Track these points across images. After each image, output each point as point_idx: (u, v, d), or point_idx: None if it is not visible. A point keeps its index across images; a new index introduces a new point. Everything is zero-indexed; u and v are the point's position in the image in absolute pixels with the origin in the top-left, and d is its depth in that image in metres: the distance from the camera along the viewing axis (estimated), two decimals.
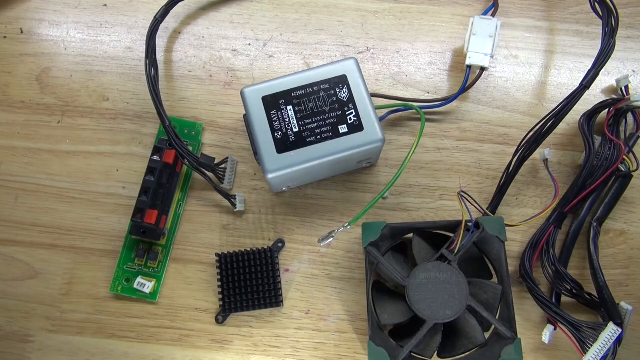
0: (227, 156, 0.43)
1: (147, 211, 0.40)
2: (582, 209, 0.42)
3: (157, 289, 0.42)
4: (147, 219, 0.40)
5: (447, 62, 0.47)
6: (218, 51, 0.48)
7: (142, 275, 0.42)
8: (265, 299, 0.40)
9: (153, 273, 0.42)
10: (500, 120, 0.46)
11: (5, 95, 0.47)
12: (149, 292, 0.41)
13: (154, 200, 0.41)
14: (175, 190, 0.43)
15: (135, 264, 0.42)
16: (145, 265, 0.42)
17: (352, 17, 0.49)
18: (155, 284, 0.42)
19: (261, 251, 0.41)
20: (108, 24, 0.49)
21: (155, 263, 0.42)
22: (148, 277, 0.42)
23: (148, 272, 0.42)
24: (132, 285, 0.41)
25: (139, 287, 0.41)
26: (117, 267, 0.42)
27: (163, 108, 0.42)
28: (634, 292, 0.42)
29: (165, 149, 0.41)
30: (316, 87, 0.39)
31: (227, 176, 0.43)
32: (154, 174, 0.41)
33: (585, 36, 0.48)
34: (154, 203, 0.41)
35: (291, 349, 0.41)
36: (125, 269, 0.42)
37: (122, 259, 0.42)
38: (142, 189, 0.41)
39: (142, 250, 0.42)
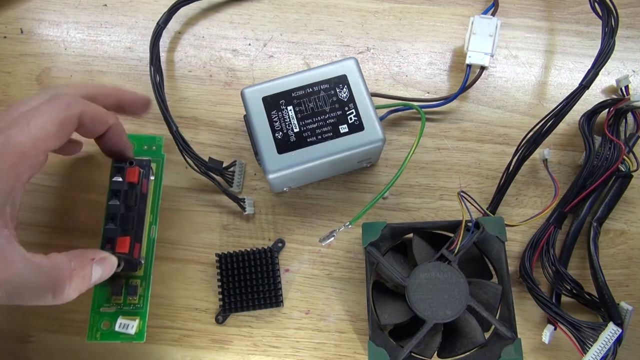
0: (235, 159, 0.43)
1: (118, 239, 0.36)
2: (582, 209, 0.42)
3: (143, 327, 0.38)
4: (119, 249, 0.36)
5: (447, 62, 0.47)
6: (218, 51, 0.48)
7: (123, 315, 0.37)
8: (265, 299, 0.40)
9: (135, 310, 0.38)
10: (500, 120, 0.46)
11: (5, 95, 0.47)
12: (135, 332, 0.37)
13: (124, 226, 0.36)
14: (145, 213, 0.39)
15: (112, 304, 0.37)
16: (125, 303, 0.37)
17: (352, 17, 0.49)
18: (139, 322, 0.38)
19: (261, 251, 0.41)
20: (108, 24, 0.49)
21: (136, 298, 0.37)
22: (129, 315, 0.37)
23: (129, 309, 0.37)
24: (112, 329, 0.37)
25: (122, 329, 0.37)
26: (91, 311, 0.37)
27: (169, 113, 0.42)
28: (634, 292, 0.42)
29: (127, 167, 0.37)
30: (316, 87, 0.39)
31: (236, 179, 0.43)
32: (119, 197, 0.36)
33: (585, 36, 0.48)
34: (124, 229, 0.36)
35: (291, 349, 0.41)
36: (100, 311, 0.38)
37: (95, 301, 0.37)
38: (108, 215, 0.36)
39: (118, 286, 0.37)
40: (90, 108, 0.32)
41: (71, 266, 0.29)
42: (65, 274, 0.29)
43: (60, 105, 0.30)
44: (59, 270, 0.29)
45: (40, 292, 0.28)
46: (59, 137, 0.30)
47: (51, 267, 0.28)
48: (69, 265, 0.29)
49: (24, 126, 0.28)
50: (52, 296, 0.28)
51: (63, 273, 0.29)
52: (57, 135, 0.30)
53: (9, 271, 0.26)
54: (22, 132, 0.28)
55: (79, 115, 0.31)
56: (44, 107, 0.29)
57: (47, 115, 0.29)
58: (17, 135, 0.28)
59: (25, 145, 0.28)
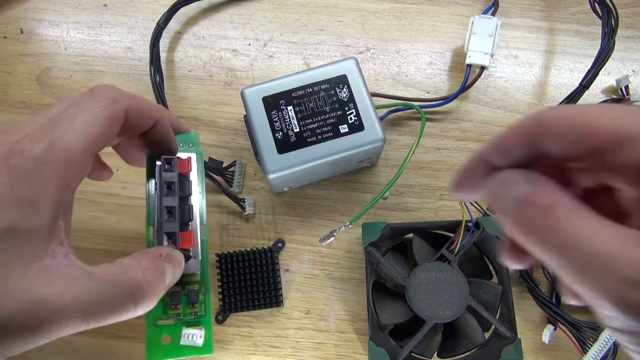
0: (235, 159, 0.43)
1: (180, 234, 0.31)
2: None
3: (209, 337, 0.32)
4: (183, 245, 0.31)
5: (447, 62, 0.47)
6: (218, 51, 0.48)
7: (186, 326, 0.32)
8: (265, 299, 0.40)
9: (197, 319, 0.32)
10: (500, 120, 0.46)
11: (5, 95, 0.47)
12: (202, 343, 0.31)
13: (183, 219, 0.31)
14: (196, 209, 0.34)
15: (170, 315, 0.32)
16: (185, 312, 0.32)
17: (352, 17, 0.49)
18: (205, 332, 0.32)
19: (261, 251, 0.41)
20: (108, 24, 0.49)
21: (197, 305, 0.32)
22: (192, 326, 0.32)
23: (190, 319, 0.32)
24: (175, 344, 0.31)
25: (189, 341, 0.31)
26: (147, 327, 0.31)
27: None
28: None
29: (177, 158, 0.32)
30: (316, 87, 0.39)
31: (236, 179, 0.43)
32: (172, 190, 0.32)
33: (585, 36, 0.48)
34: (183, 223, 0.32)
35: (291, 349, 0.41)
36: (158, 325, 0.31)
37: (150, 313, 0.31)
38: (164, 209, 0.31)
39: (177, 295, 0.31)
40: (136, 101, 0.28)
41: (143, 265, 0.25)
42: (140, 275, 0.25)
43: (105, 100, 0.26)
44: (132, 273, 0.25)
45: (118, 304, 0.24)
46: (106, 137, 0.26)
47: (121, 273, 0.25)
48: (140, 266, 0.25)
49: (68, 126, 0.24)
50: (133, 304, 0.25)
51: (137, 275, 0.25)
52: (105, 135, 0.26)
53: (75, 290, 0.23)
54: (67, 133, 0.24)
55: (126, 110, 0.27)
56: (88, 103, 0.26)
57: (92, 112, 0.25)
58: (63, 138, 0.24)
59: (73, 149, 0.24)
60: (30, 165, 0.23)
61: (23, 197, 0.22)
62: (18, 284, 0.22)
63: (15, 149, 0.23)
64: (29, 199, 0.22)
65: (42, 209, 0.23)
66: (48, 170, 0.23)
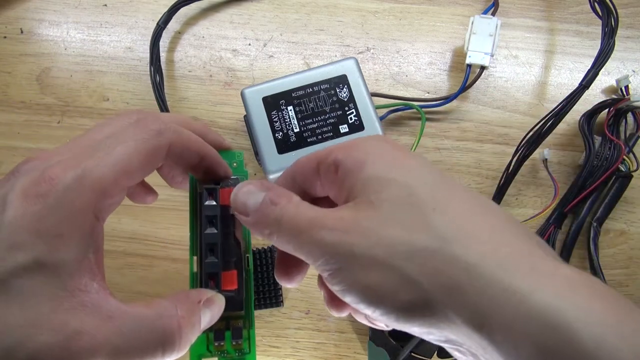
0: None
1: (223, 275, 0.29)
2: (582, 209, 0.42)
3: None
4: (225, 286, 0.29)
5: (447, 62, 0.47)
6: (218, 51, 0.48)
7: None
8: (265, 299, 0.40)
9: (242, 356, 0.30)
10: (500, 120, 0.46)
11: (5, 95, 0.47)
12: None
13: (226, 257, 0.29)
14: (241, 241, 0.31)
15: (214, 353, 0.30)
16: (229, 349, 0.30)
17: (352, 17, 0.49)
18: None
19: (261, 251, 0.41)
20: (108, 24, 0.49)
21: (241, 341, 0.30)
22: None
23: (234, 356, 0.30)
24: None
25: None
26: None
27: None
28: (634, 292, 0.42)
29: (220, 187, 0.29)
30: (316, 87, 0.39)
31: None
32: (215, 224, 0.29)
33: (585, 36, 0.48)
34: (226, 261, 0.29)
35: (291, 349, 0.41)
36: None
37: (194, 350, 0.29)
38: (205, 246, 0.29)
39: (220, 332, 0.29)
40: (182, 137, 0.26)
41: (178, 313, 0.24)
42: (174, 323, 0.24)
43: (149, 133, 0.24)
44: (166, 320, 0.24)
45: (147, 349, 0.23)
46: (143, 171, 0.25)
47: (156, 318, 0.24)
48: (175, 313, 0.24)
49: (104, 156, 0.23)
50: (162, 352, 0.24)
51: (171, 323, 0.24)
52: (142, 169, 0.25)
53: (109, 330, 0.22)
54: (101, 164, 0.23)
55: (169, 145, 0.26)
56: (129, 134, 0.24)
57: (132, 144, 0.24)
58: (97, 169, 0.23)
59: (107, 181, 0.23)
60: (60, 195, 0.22)
61: (51, 229, 0.21)
62: (50, 318, 0.21)
63: (46, 176, 0.22)
64: (57, 232, 0.21)
65: (71, 243, 0.22)
66: (78, 201, 0.22)
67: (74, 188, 0.22)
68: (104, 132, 0.25)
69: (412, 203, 0.20)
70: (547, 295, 0.17)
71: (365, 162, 0.22)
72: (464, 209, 0.20)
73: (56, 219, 0.21)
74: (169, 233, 0.43)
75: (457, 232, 0.19)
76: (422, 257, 0.19)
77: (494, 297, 0.18)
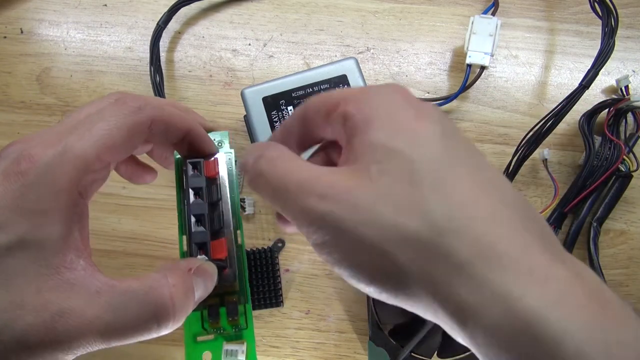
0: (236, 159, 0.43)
1: (212, 244, 0.28)
2: (582, 209, 0.42)
3: (252, 352, 0.29)
4: (215, 255, 0.28)
5: (447, 62, 0.47)
6: (218, 51, 0.48)
7: (227, 340, 0.29)
8: (265, 299, 0.40)
9: (239, 332, 0.29)
10: (500, 120, 0.46)
11: (5, 95, 0.47)
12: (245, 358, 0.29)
13: (214, 227, 0.29)
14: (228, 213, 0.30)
15: (210, 330, 0.29)
16: (225, 326, 0.29)
17: (352, 17, 0.49)
18: (248, 346, 0.29)
19: (261, 251, 0.41)
20: (108, 24, 0.49)
21: (237, 317, 0.29)
22: (234, 340, 0.29)
23: (231, 333, 0.29)
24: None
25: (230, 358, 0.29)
26: (186, 347, 0.29)
27: None
28: (634, 292, 0.42)
29: (204, 160, 0.30)
30: (316, 87, 0.39)
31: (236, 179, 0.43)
32: (201, 195, 0.29)
33: (585, 36, 0.48)
34: (214, 231, 0.29)
35: (291, 349, 0.41)
36: (198, 342, 0.29)
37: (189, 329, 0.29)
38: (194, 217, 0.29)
39: (214, 308, 0.29)
40: (163, 112, 0.26)
41: (169, 282, 0.24)
42: (165, 294, 0.23)
43: (128, 109, 0.25)
44: (157, 291, 0.23)
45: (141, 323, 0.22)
46: (125, 146, 0.25)
47: (147, 290, 0.23)
48: (166, 283, 0.23)
49: (84, 132, 0.23)
50: (157, 324, 0.23)
51: (162, 293, 0.23)
52: (124, 144, 0.25)
53: (97, 306, 0.21)
54: (82, 140, 0.23)
55: (151, 121, 0.26)
56: (109, 110, 0.24)
57: (112, 120, 0.24)
58: (78, 144, 0.22)
59: (88, 156, 0.23)
60: (41, 171, 0.21)
61: (32, 206, 0.21)
62: (35, 298, 0.20)
63: (26, 154, 0.21)
64: (39, 209, 0.21)
65: (54, 219, 0.21)
66: (60, 177, 0.22)
67: (55, 164, 0.22)
68: (85, 111, 0.25)
69: (412, 181, 0.19)
70: (537, 302, 0.17)
71: (372, 123, 0.20)
72: (467, 190, 0.19)
73: (38, 195, 0.21)
74: (169, 233, 0.43)
75: (454, 222, 0.18)
76: (414, 246, 0.18)
77: (481, 299, 0.17)
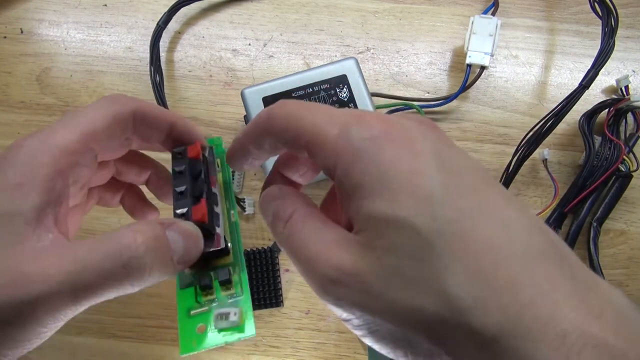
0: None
1: (193, 208, 0.27)
2: (582, 209, 0.42)
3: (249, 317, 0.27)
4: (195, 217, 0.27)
5: (447, 62, 0.47)
6: (218, 51, 0.48)
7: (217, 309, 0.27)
8: (265, 299, 0.40)
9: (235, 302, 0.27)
10: (500, 120, 0.46)
11: (5, 95, 0.47)
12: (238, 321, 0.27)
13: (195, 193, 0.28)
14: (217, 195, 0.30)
15: (204, 303, 0.28)
16: (219, 297, 0.28)
17: (352, 17, 0.49)
18: (244, 311, 0.27)
19: (261, 251, 0.41)
20: (108, 24, 0.49)
21: (232, 287, 0.28)
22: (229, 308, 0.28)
23: (226, 302, 0.28)
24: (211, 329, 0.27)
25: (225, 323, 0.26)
26: (179, 320, 0.28)
27: None
28: (634, 292, 0.42)
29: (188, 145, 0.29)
30: (316, 87, 0.39)
31: (236, 180, 0.43)
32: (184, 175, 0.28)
33: (585, 36, 0.48)
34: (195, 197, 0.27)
35: (291, 349, 0.41)
36: (191, 316, 0.28)
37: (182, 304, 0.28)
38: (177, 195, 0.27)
39: (206, 278, 0.27)
40: (145, 105, 0.27)
41: (134, 228, 0.23)
42: (129, 236, 0.22)
43: (109, 101, 0.26)
44: (120, 237, 0.22)
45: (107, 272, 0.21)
46: (108, 135, 0.25)
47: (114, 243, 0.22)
48: (132, 229, 0.22)
49: (68, 121, 0.25)
50: (126, 272, 0.22)
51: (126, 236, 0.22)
52: (106, 132, 0.25)
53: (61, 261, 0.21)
54: (65, 127, 0.24)
55: (132, 111, 0.26)
56: (93, 104, 0.26)
57: (95, 110, 0.25)
58: (60, 130, 0.24)
59: (68, 139, 0.24)
60: (24, 154, 0.23)
61: (10, 180, 0.22)
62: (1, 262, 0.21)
63: (14, 144, 0.23)
64: (16, 183, 0.22)
65: (29, 193, 0.22)
66: (40, 158, 0.23)
67: (37, 148, 0.23)
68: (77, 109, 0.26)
69: (421, 257, 0.17)
70: None
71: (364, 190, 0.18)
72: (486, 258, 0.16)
73: (17, 171, 0.22)
74: None
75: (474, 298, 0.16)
76: (435, 328, 0.17)
77: None
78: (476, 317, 0.16)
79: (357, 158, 0.18)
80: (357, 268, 0.18)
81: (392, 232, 0.17)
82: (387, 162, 0.18)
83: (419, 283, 0.17)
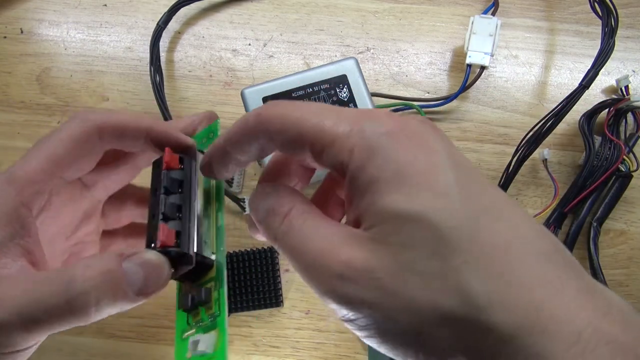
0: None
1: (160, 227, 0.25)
2: (582, 209, 0.42)
3: (223, 343, 0.25)
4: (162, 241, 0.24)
5: (447, 62, 0.47)
6: (218, 51, 0.48)
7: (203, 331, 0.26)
8: (265, 299, 0.40)
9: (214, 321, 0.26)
10: (500, 120, 0.46)
11: (5, 95, 0.47)
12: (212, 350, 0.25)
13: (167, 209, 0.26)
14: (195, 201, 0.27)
15: (192, 324, 0.27)
16: (203, 318, 0.26)
17: (352, 17, 0.49)
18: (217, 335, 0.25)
19: (261, 251, 0.41)
20: (108, 24, 0.49)
21: (211, 305, 0.26)
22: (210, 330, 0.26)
23: (207, 323, 0.26)
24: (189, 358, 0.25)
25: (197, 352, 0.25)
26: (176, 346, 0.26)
27: (169, 114, 0.42)
28: (634, 292, 0.42)
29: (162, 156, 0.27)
30: (316, 87, 0.39)
31: (236, 180, 0.43)
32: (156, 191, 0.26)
33: (585, 36, 0.48)
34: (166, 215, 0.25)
35: (291, 349, 0.41)
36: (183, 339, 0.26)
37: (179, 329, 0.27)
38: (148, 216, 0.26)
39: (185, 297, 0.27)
40: (111, 117, 0.26)
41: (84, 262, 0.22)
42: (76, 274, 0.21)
43: (74, 121, 0.26)
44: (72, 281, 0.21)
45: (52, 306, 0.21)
46: (74, 157, 0.26)
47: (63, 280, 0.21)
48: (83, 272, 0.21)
49: (30, 153, 0.25)
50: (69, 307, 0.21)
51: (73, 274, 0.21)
52: (70, 155, 0.25)
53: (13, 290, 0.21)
54: (26, 159, 0.25)
55: (98, 127, 0.26)
56: (60, 127, 0.26)
57: (58, 134, 0.25)
58: (24, 164, 0.25)
59: (32, 169, 0.24)
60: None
61: None
62: None
63: None
64: None
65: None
66: (6, 191, 0.24)
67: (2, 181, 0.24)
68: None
69: (439, 253, 0.17)
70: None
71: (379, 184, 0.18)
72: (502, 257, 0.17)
73: None
74: None
75: (492, 295, 0.16)
76: (451, 325, 0.16)
77: None
78: (494, 315, 0.16)
79: (373, 153, 0.18)
80: (369, 264, 0.17)
81: (409, 227, 0.17)
82: (405, 157, 0.18)
83: (438, 279, 0.16)
